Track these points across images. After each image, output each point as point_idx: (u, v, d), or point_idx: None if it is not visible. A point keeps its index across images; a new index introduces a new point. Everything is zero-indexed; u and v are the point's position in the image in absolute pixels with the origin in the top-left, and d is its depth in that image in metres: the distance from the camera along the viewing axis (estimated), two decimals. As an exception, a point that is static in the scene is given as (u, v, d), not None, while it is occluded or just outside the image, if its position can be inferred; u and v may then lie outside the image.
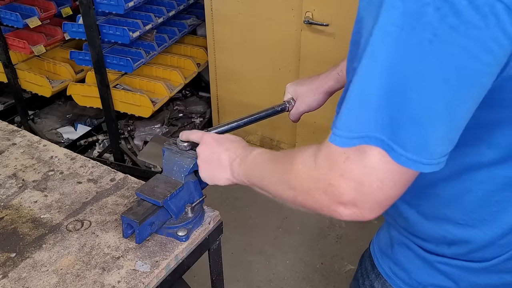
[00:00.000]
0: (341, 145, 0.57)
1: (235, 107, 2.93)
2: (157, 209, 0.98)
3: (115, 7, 2.34)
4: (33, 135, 1.38)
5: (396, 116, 0.53)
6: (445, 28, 0.48)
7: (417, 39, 0.50)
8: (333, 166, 0.60)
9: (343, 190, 0.60)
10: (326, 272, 2.26)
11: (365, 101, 0.54)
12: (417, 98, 0.52)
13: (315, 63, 2.42)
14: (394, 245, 0.84)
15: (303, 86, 1.13)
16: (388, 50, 0.51)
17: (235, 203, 2.64)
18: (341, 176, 0.59)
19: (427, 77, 0.51)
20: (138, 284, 0.92)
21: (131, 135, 2.99)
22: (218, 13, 2.67)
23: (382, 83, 0.53)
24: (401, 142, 0.54)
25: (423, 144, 0.54)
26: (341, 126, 0.57)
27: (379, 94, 0.53)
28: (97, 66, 2.43)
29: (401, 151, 0.54)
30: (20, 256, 0.98)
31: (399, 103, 0.53)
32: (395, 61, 0.51)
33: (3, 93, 3.31)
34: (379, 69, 0.52)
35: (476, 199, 0.69)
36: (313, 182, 0.64)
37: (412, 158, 0.54)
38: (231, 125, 1.08)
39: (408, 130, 0.53)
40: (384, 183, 0.57)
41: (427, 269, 0.79)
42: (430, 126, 0.53)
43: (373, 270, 0.89)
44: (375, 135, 0.55)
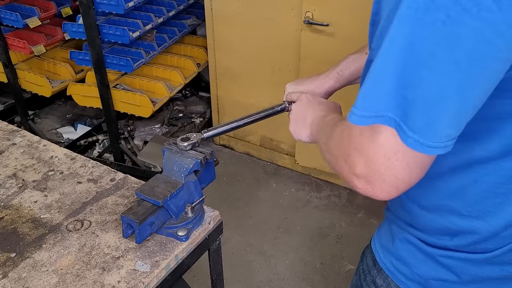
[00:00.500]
0: (356, 123, 0.59)
1: (235, 107, 2.93)
2: (157, 209, 0.98)
3: (115, 7, 2.34)
4: (33, 135, 1.38)
5: (408, 96, 0.54)
6: (458, 10, 0.49)
7: (430, 19, 0.50)
8: (351, 139, 0.63)
9: (356, 162, 0.62)
10: (326, 272, 2.26)
11: (381, 81, 0.56)
12: (428, 78, 0.53)
13: (315, 63, 2.42)
14: (395, 240, 0.84)
15: (303, 86, 1.13)
16: (404, 31, 0.52)
17: (235, 203, 2.64)
18: (355, 149, 0.62)
19: (439, 57, 0.51)
20: (138, 284, 0.92)
21: (131, 135, 2.99)
22: (218, 13, 2.67)
23: (397, 62, 0.54)
24: (410, 123, 0.55)
25: (430, 125, 0.55)
26: (358, 105, 0.58)
27: (394, 73, 0.54)
28: (97, 66, 2.43)
29: (409, 132, 0.55)
30: (20, 256, 0.98)
31: (412, 83, 0.54)
32: (410, 41, 0.52)
33: (3, 93, 3.31)
34: (395, 49, 0.54)
35: (481, 190, 0.69)
36: (339, 150, 0.68)
37: (419, 140, 0.55)
38: (231, 125, 1.08)
39: (417, 111, 0.54)
40: (392, 162, 0.58)
41: (429, 263, 0.79)
42: (439, 107, 0.54)
43: (374, 265, 0.90)
44: (388, 115, 0.56)
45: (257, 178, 2.88)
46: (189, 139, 1.02)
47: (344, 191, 2.72)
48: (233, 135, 3.05)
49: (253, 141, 3.00)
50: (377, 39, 0.58)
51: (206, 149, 1.03)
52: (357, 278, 0.97)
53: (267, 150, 2.97)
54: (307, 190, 2.74)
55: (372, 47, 0.59)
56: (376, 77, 0.56)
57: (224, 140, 3.13)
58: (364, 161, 0.61)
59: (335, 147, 0.71)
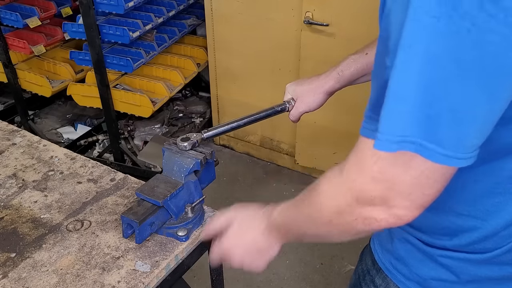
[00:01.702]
0: (381, 149, 0.55)
1: (235, 107, 2.93)
2: (157, 209, 0.98)
3: (115, 7, 2.34)
4: (33, 135, 1.38)
5: (433, 113, 0.52)
6: (484, 16, 0.47)
7: (455, 29, 0.48)
8: (362, 170, 0.60)
9: (376, 193, 0.60)
10: (326, 272, 2.26)
11: (403, 101, 0.53)
12: (456, 90, 0.51)
13: (315, 63, 2.42)
14: (394, 240, 0.84)
15: (303, 86, 1.13)
16: (426, 42, 0.50)
17: (235, 203, 2.64)
18: (373, 179, 0.59)
19: (468, 67, 0.49)
20: (138, 284, 0.92)
21: (131, 135, 2.99)
22: (218, 13, 2.67)
23: (420, 78, 0.51)
24: (438, 140, 0.53)
25: (459, 138, 0.53)
26: (382, 129, 0.55)
27: (417, 90, 0.52)
28: (97, 66, 2.43)
29: (438, 149, 0.53)
30: (20, 256, 0.98)
31: (437, 97, 0.51)
32: (434, 53, 0.50)
33: (3, 93, 3.31)
34: (417, 63, 0.51)
35: (480, 190, 0.69)
36: (343, 195, 0.64)
37: (449, 155, 0.53)
38: (231, 125, 1.08)
39: (444, 125, 0.52)
40: (420, 181, 0.57)
41: (428, 263, 0.79)
42: (468, 118, 0.52)
43: (373, 265, 0.89)
44: (411, 139, 0.54)
45: (257, 178, 2.88)
46: (189, 139, 1.02)
47: (344, 191, 2.71)
48: (233, 135, 3.05)
49: (253, 141, 3.00)
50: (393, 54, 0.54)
51: (206, 149, 1.03)
52: (356, 278, 0.97)
53: (267, 150, 2.97)
54: (307, 190, 2.74)
55: (387, 64, 0.55)
56: (397, 93, 0.53)
57: (224, 140, 3.13)
58: (386, 187, 0.58)
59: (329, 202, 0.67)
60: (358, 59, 1.04)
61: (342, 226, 0.68)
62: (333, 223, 0.68)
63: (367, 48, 1.05)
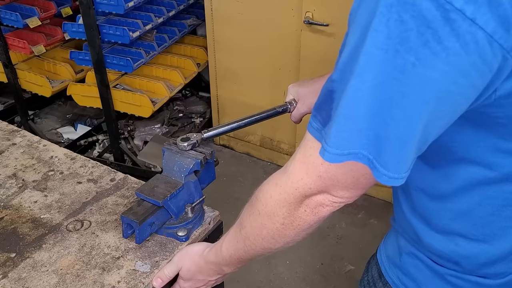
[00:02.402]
0: (331, 161, 0.59)
1: (235, 107, 2.93)
2: (157, 209, 0.98)
3: (115, 7, 2.34)
4: (33, 135, 1.38)
5: (381, 135, 0.55)
6: (427, 53, 0.49)
7: (401, 62, 0.51)
8: (309, 170, 0.65)
9: (321, 188, 0.65)
10: (326, 272, 2.26)
11: (353, 120, 0.56)
12: (399, 117, 0.54)
13: (315, 63, 2.42)
14: (402, 254, 0.83)
15: (305, 87, 1.13)
16: (374, 72, 0.53)
17: (235, 203, 2.64)
18: (318, 178, 0.64)
19: (409, 98, 0.52)
20: (138, 284, 0.92)
21: (131, 135, 2.99)
22: (218, 13, 2.67)
23: (370, 101, 0.54)
24: (383, 161, 0.56)
25: (402, 161, 0.57)
26: (331, 143, 0.58)
27: (366, 113, 0.55)
28: (97, 66, 2.43)
29: (383, 170, 0.57)
30: (20, 256, 0.98)
31: (384, 123, 0.54)
32: (380, 82, 0.53)
33: (3, 93, 3.30)
34: (366, 89, 0.54)
35: (486, 213, 0.69)
36: (291, 194, 0.68)
37: (391, 176, 0.57)
38: (232, 126, 1.08)
39: (390, 148, 0.56)
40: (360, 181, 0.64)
41: (437, 281, 0.78)
42: (409, 143, 0.55)
43: (380, 278, 0.88)
44: (362, 152, 0.57)
45: (257, 178, 2.88)
46: (189, 139, 1.02)
47: (344, 191, 2.71)
48: (233, 135, 3.05)
49: (253, 141, 3.00)
50: (340, 72, 0.58)
51: (206, 149, 1.03)
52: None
53: (267, 150, 2.97)
54: (307, 190, 2.74)
55: (333, 78, 0.59)
56: (347, 114, 0.56)
57: (224, 140, 3.13)
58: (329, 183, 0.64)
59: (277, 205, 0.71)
60: None
61: (294, 223, 0.71)
62: (286, 224, 0.72)
63: None
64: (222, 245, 0.86)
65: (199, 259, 0.92)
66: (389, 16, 0.49)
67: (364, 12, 0.53)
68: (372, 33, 0.51)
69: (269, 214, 0.73)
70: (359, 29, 0.54)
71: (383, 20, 0.50)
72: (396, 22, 0.49)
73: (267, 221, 0.74)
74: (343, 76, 0.57)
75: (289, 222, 0.71)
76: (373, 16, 0.51)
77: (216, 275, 0.93)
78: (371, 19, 0.51)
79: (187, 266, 0.94)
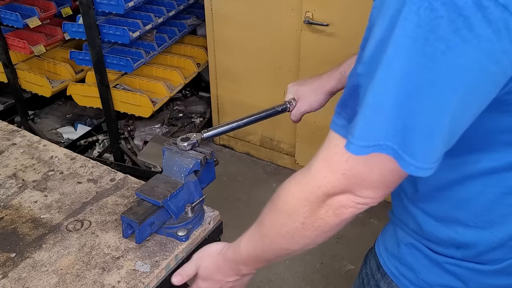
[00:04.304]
0: (356, 153, 0.58)
1: (235, 107, 2.93)
2: (157, 209, 0.98)
3: (115, 7, 2.34)
4: (33, 135, 1.38)
5: (408, 125, 0.54)
6: (458, 41, 0.49)
7: (430, 50, 0.50)
8: (333, 167, 0.63)
9: (345, 187, 0.63)
10: (326, 272, 2.26)
11: (380, 111, 0.55)
12: (428, 107, 0.53)
13: (315, 63, 2.42)
14: (400, 245, 0.83)
15: (305, 86, 1.13)
16: (403, 61, 0.52)
17: (235, 203, 2.64)
18: (342, 176, 0.63)
19: (439, 86, 0.52)
20: (138, 284, 0.92)
21: (131, 135, 2.99)
22: (218, 13, 2.67)
23: (397, 92, 0.53)
24: (411, 151, 0.55)
25: (430, 151, 0.56)
26: (357, 136, 0.57)
27: (394, 102, 0.54)
28: (97, 66, 2.43)
29: (410, 160, 0.56)
30: (20, 256, 0.98)
31: (413, 111, 0.54)
32: (409, 71, 0.52)
33: (3, 93, 3.31)
34: (393, 79, 0.53)
35: (487, 201, 0.69)
36: (314, 192, 0.67)
37: (418, 166, 0.56)
38: (231, 125, 1.08)
39: (418, 138, 0.55)
40: (386, 178, 0.62)
41: (436, 269, 0.78)
42: (438, 133, 0.55)
43: (378, 270, 0.89)
44: (387, 144, 0.56)
45: (257, 178, 2.88)
46: (189, 139, 1.02)
47: (344, 191, 2.72)
48: (233, 135, 3.05)
49: (253, 141, 3.00)
50: (366, 65, 0.57)
51: (206, 149, 1.03)
52: (360, 282, 0.96)
53: (267, 150, 2.97)
54: (307, 190, 2.74)
55: (359, 72, 0.58)
56: (374, 106, 0.56)
57: (224, 140, 3.13)
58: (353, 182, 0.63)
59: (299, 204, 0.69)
60: None
61: (315, 224, 0.70)
62: (307, 224, 0.70)
63: None
64: (241, 242, 0.84)
65: (217, 257, 0.90)
66: (420, 4, 0.49)
67: (392, 1, 0.52)
68: (401, 22, 0.51)
69: (290, 213, 0.71)
70: (386, 20, 0.53)
71: (413, 8, 0.50)
72: (426, 10, 0.49)
73: (287, 220, 0.72)
74: (369, 68, 0.56)
75: (310, 223, 0.70)
76: (403, 5, 0.51)
77: (233, 276, 0.90)
78: (400, 8, 0.51)
79: (206, 264, 0.92)
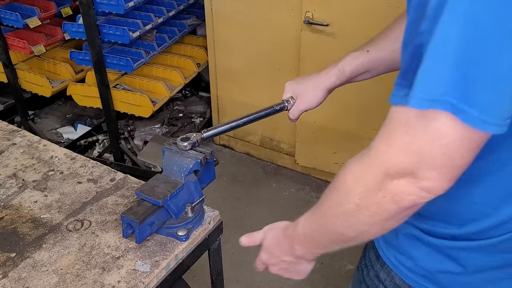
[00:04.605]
0: (415, 106, 0.55)
1: (235, 107, 2.93)
2: (157, 209, 0.98)
3: (115, 7, 2.34)
4: (33, 135, 1.38)
5: (471, 74, 0.52)
6: None
7: None
8: (393, 141, 0.59)
9: (405, 164, 0.59)
10: (326, 272, 2.26)
11: (440, 61, 0.53)
12: (497, 52, 0.51)
13: (315, 63, 2.42)
14: (399, 235, 0.83)
15: (303, 84, 1.13)
16: (466, 4, 0.50)
17: (235, 203, 2.64)
18: (403, 150, 0.58)
19: (509, 29, 0.49)
20: (138, 284, 0.92)
21: (131, 135, 2.99)
22: (218, 13, 2.67)
23: (460, 38, 0.51)
24: (474, 102, 0.52)
25: (496, 101, 0.52)
26: (417, 88, 0.55)
27: (456, 50, 0.52)
28: (97, 66, 2.43)
29: (473, 112, 0.52)
30: (20, 256, 0.98)
31: (476, 59, 0.51)
32: (474, 14, 0.50)
33: (3, 93, 3.31)
34: (457, 24, 0.51)
35: (496, 179, 0.68)
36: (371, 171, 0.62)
37: (482, 118, 0.52)
38: (231, 125, 1.08)
39: (483, 88, 0.52)
40: (450, 150, 0.56)
41: (434, 255, 0.79)
42: (506, 81, 0.51)
43: (378, 260, 0.89)
44: (445, 99, 0.53)
45: (257, 178, 2.88)
46: (189, 139, 1.02)
47: (344, 191, 2.72)
48: (233, 135, 3.05)
49: (253, 141, 3.00)
50: (430, 19, 0.54)
51: (206, 149, 1.03)
52: (359, 273, 0.97)
53: (267, 150, 2.97)
54: (307, 190, 2.74)
55: (423, 29, 0.55)
56: (434, 56, 0.53)
57: (224, 140, 3.13)
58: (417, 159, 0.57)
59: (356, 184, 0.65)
60: (359, 56, 1.04)
61: (371, 209, 0.65)
62: (361, 206, 0.66)
63: (368, 46, 1.04)
64: (300, 220, 0.83)
65: (280, 231, 0.90)
66: None
67: None
68: None
69: (346, 192, 0.68)
70: None
71: None
72: None
73: (343, 199, 0.69)
74: (433, 21, 0.54)
75: (365, 206, 0.65)
76: None
77: (289, 255, 0.89)
78: None
79: (270, 236, 0.93)
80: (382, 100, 2.69)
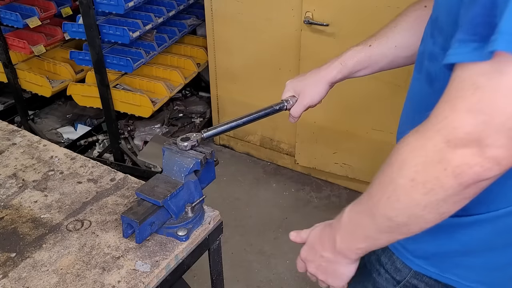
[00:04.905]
0: (506, 49, 0.48)
1: (235, 107, 2.93)
2: (157, 209, 0.98)
3: (115, 7, 2.34)
4: (33, 135, 1.38)
5: None
6: None
7: None
8: (457, 104, 0.53)
9: (469, 128, 0.52)
10: (326, 272, 2.26)
11: None
12: None
13: (315, 63, 2.40)
14: None
15: (304, 80, 1.13)
16: None
17: (235, 203, 2.64)
18: (468, 111, 0.52)
19: None
20: (138, 284, 0.92)
21: (131, 135, 2.99)
22: (218, 13, 2.67)
23: None
24: None
25: None
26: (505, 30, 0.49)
27: None
28: (97, 66, 2.43)
29: None
30: (20, 256, 0.98)
31: None
32: None
33: (3, 93, 3.31)
34: None
35: None
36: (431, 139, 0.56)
37: None
38: (231, 125, 1.08)
39: None
40: None
41: (437, 236, 0.77)
42: None
43: None
44: None
45: (257, 178, 2.88)
46: (189, 139, 1.02)
47: (344, 191, 2.72)
48: (233, 135, 3.05)
49: (253, 141, 3.00)
50: None
51: (206, 149, 1.03)
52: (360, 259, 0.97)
53: (267, 150, 2.97)
54: (307, 190, 2.74)
55: None
56: None
57: (224, 140, 3.13)
58: (484, 120, 0.50)
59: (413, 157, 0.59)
60: (361, 50, 1.04)
61: (427, 185, 0.58)
62: (417, 182, 0.59)
63: (371, 40, 1.04)
64: (346, 208, 0.77)
65: (324, 225, 0.85)
66: None
67: None
68: None
69: (400, 164, 0.61)
70: None
71: None
72: None
73: (397, 174, 0.61)
74: None
75: (421, 181, 0.58)
76: None
77: (329, 249, 0.82)
78: None
79: (315, 231, 0.88)
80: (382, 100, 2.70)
